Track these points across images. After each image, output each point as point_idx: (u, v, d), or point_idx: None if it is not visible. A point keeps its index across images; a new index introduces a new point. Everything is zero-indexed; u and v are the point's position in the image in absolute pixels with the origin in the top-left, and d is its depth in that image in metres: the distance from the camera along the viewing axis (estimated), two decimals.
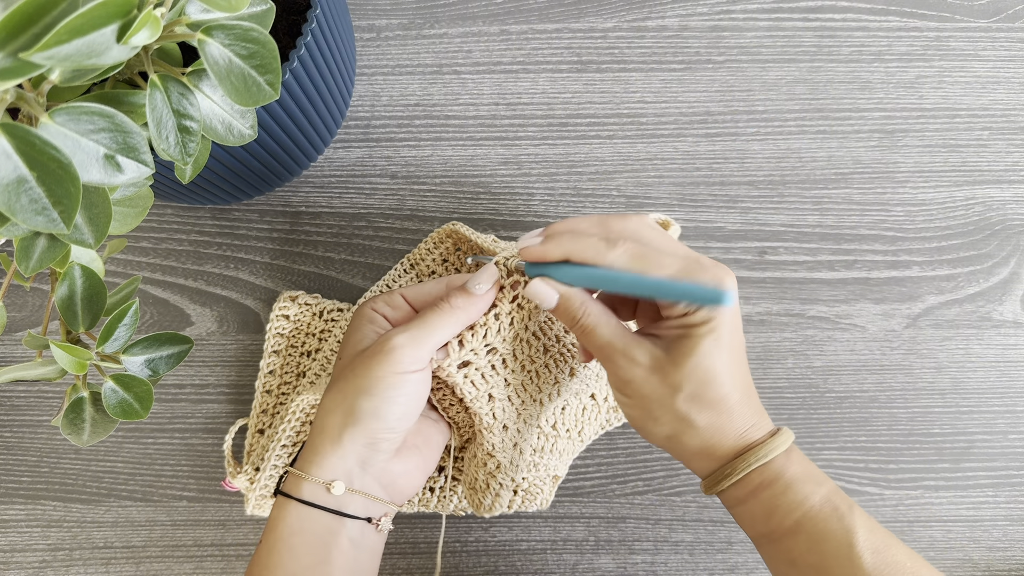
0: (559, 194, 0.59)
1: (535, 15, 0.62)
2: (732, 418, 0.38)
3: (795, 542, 0.37)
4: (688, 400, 0.37)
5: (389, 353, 0.39)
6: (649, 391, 0.38)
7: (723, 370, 0.38)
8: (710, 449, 0.39)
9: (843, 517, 0.37)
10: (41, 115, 0.26)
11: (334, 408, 0.40)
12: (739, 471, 0.38)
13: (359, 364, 0.40)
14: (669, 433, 0.39)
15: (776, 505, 0.38)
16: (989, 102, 0.61)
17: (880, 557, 0.36)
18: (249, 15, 0.34)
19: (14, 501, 0.56)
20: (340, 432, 0.40)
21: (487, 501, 0.49)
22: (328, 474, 0.40)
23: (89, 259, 0.34)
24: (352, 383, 0.40)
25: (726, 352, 0.38)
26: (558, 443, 0.52)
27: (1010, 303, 0.58)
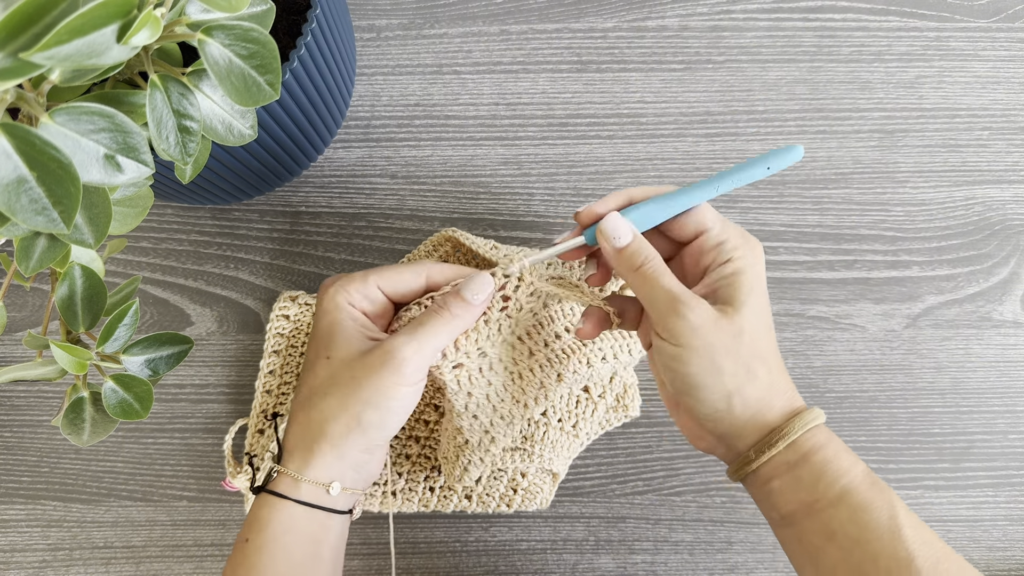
0: (559, 194, 0.59)
1: (535, 15, 0.62)
2: (783, 375, 0.39)
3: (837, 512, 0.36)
4: (750, 348, 0.37)
5: (398, 367, 0.39)
6: (713, 338, 0.37)
7: (767, 324, 0.39)
8: (765, 407, 0.38)
9: (884, 490, 0.37)
10: (41, 115, 0.26)
11: (335, 416, 0.40)
12: (796, 430, 0.37)
13: (362, 373, 0.40)
14: (732, 388, 0.38)
15: (825, 471, 0.37)
16: (989, 102, 0.61)
17: (919, 534, 0.36)
18: (249, 15, 0.34)
19: (14, 501, 0.56)
20: (343, 439, 0.40)
21: (456, 472, 0.50)
22: (326, 476, 0.40)
23: (89, 259, 0.34)
24: (357, 393, 0.40)
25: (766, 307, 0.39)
26: (549, 432, 0.52)
27: (1010, 303, 0.58)
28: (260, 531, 0.40)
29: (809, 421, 0.38)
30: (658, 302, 0.38)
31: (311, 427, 0.41)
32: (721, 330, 0.37)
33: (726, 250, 0.39)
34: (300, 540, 0.40)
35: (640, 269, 0.39)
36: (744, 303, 0.38)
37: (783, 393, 0.39)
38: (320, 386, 0.41)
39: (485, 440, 0.47)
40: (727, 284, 0.38)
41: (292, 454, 0.41)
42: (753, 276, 0.38)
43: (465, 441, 0.48)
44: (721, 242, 0.39)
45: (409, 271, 0.44)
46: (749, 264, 0.39)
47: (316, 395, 0.41)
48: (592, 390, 0.54)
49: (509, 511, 0.55)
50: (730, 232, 0.40)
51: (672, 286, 0.38)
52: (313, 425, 0.41)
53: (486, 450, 0.47)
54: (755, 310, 0.38)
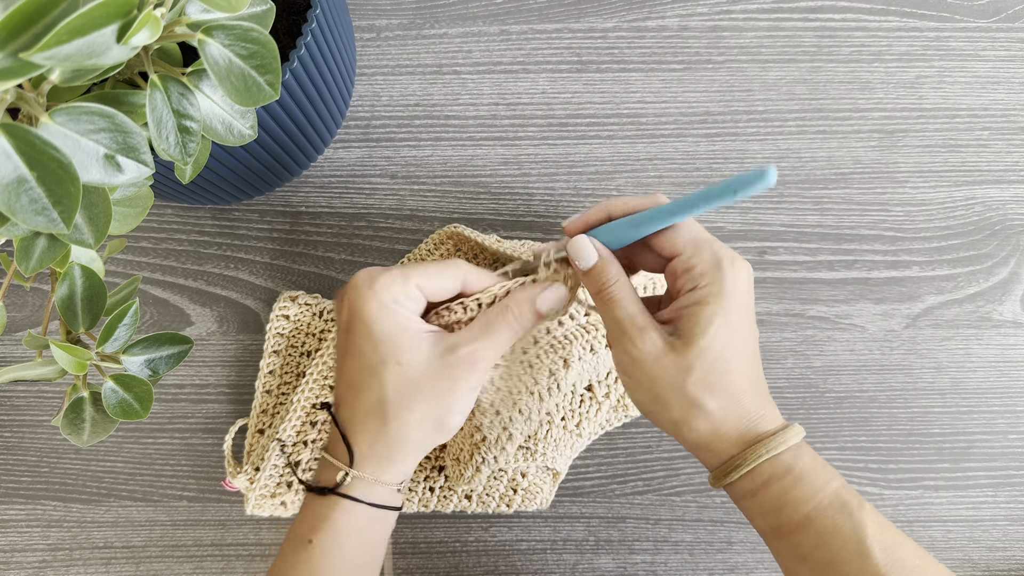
0: (559, 194, 0.59)
1: (535, 15, 0.62)
2: (742, 404, 0.38)
3: (805, 537, 0.37)
4: (698, 383, 0.37)
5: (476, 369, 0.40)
6: (659, 373, 0.37)
7: (733, 353, 0.37)
8: (719, 437, 0.38)
9: (853, 513, 0.36)
10: (41, 115, 0.26)
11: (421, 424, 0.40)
12: (749, 462, 0.37)
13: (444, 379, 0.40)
14: (678, 419, 0.38)
15: (786, 500, 0.37)
16: (989, 102, 0.61)
17: (890, 555, 0.35)
18: (249, 15, 0.34)
19: (14, 501, 0.56)
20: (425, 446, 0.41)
21: (467, 473, 0.49)
22: (398, 477, 0.41)
23: (89, 259, 0.34)
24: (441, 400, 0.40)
25: (736, 334, 0.37)
26: (552, 431, 0.52)
27: (1010, 303, 0.58)
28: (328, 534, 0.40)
29: (771, 449, 0.37)
30: (611, 328, 0.39)
31: (389, 435, 0.40)
32: (665, 366, 0.37)
33: (692, 277, 0.38)
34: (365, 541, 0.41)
35: (600, 293, 0.39)
36: (699, 336, 0.37)
37: (741, 421, 0.38)
38: (397, 394, 0.40)
39: (503, 437, 0.47)
40: (687, 315, 0.38)
41: (367, 460, 0.41)
42: (717, 307, 0.37)
43: (483, 438, 0.48)
44: (689, 268, 0.38)
45: (447, 272, 0.43)
46: (714, 293, 0.37)
47: (393, 403, 0.40)
48: (596, 389, 0.54)
49: (509, 511, 0.55)
50: (701, 258, 0.38)
51: (625, 315, 0.38)
52: (392, 433, 0.40)
53: (502, 448, 0.48)
54: (714, 343, 0.37)
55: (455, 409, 0.41)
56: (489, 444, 0.48)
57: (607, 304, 0.39)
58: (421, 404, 0.40)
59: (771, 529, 0.38)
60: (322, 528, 0.40)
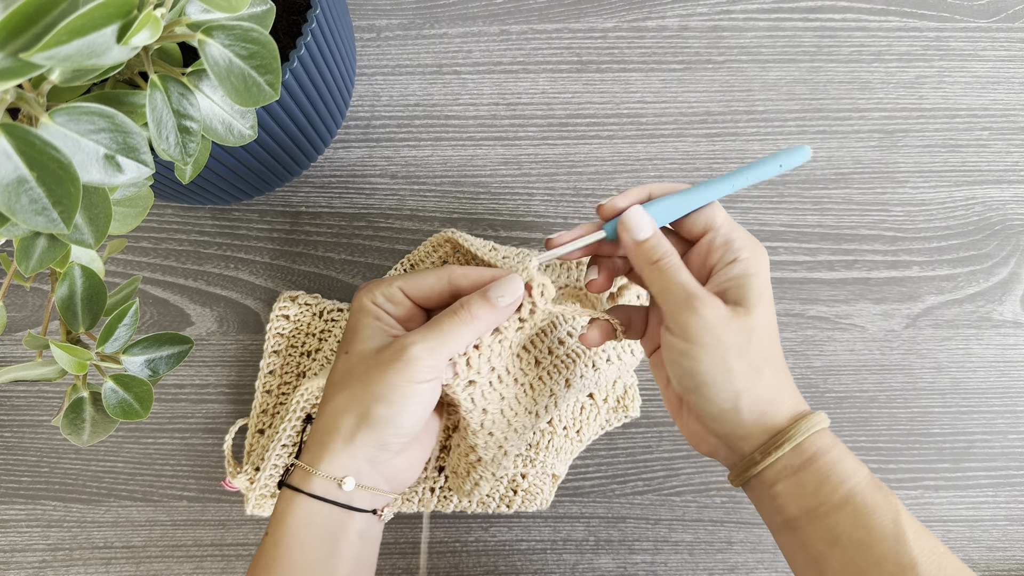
0: (559, 194, 0.59)
1: (535, 15, 0.62)
2: (788, 379, 0.40)
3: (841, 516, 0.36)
4: (759, 347, 0.38)
5: (408, 363, 0.39)
6: (725, 336, 0.37)
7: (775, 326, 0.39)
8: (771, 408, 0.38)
9: (888, 495, 0.37)
10: (41, 115, 0.26)
11: (347, 409, 0.40)
12: (802, 432, 0.37)
13: (374, 369, 0.40)
14: (740, 387, 0.38)
15: (829, 475, 0.37)
16: (989, 102, 0.61)
17: (923, 539, 0.36)
18: (249, 15, 0.34)
19: (14, 501, 0.56)
20: (353, 433, 0.40)
21: (466, 487, 0.49)
22: (339, 470, 0.40)
23: (89, 259, 0.34)
24: (368, 388, 0.40)
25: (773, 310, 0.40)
26: (554, 440, 0.52)
27: (1010, 303, 0.58)
28: (278, 524, 0.40)
29: (814, 424, 0.38)
30: (673, 297, 0.39)
31: (324, 421, 0.41)
32: (733, 329, 0.37)
33: (733, 249, 0.39)
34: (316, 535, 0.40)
35: (658, 263, 0.39)
36: (756, 304, 0.38)
37: (788, 396, 0.39)
38: (336, 380, 0.42)
39: (499, 455, 0.47)
40: (738, 284, 0.39)
41: (308, 448, 0.41)
42: (760, 279, 0.39)
43: (478, 459, 0.47)
44: (729, 241, 0.40)
45: (432, 274, 0.43)
46: (755, 266, 0.39)
47: (332, 390, 0.41)
48: (596, 396, 0.54)
49: (509, 511, 0.55)
50: (738, 232, 0.40)
51: (687, 282, 0.39)
52: (326, 419, 0.41)
53: (498, 464, 0.47)
54: (765, 312, 0.38)
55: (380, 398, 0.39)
56: (484, 463, 0.47)
57: (665, 274, 0.39)
58: (349, 389, 0.40)
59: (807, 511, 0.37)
60: (274, 519, 0.41)
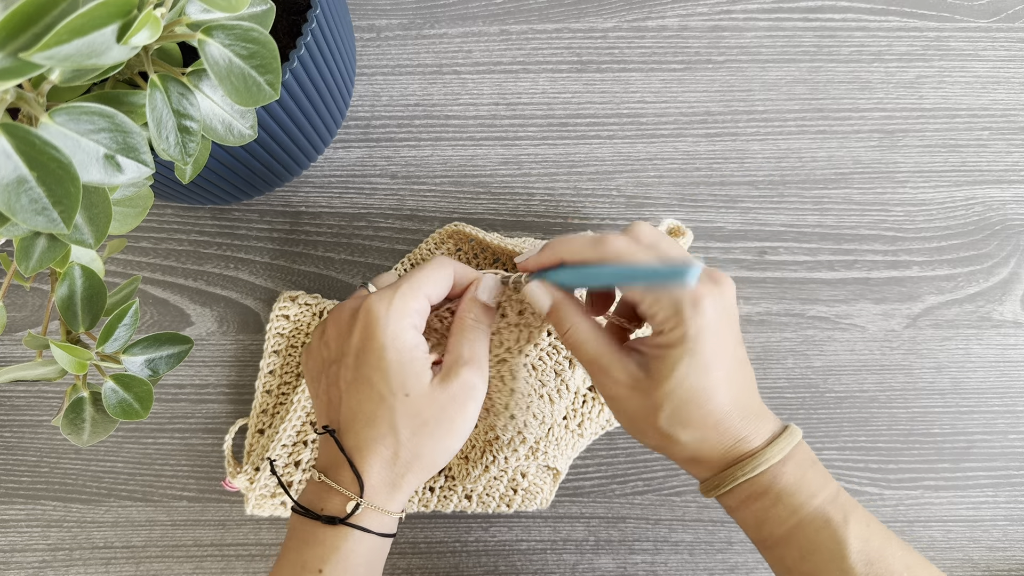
0: (559, 194, 0.59)
1: (535, 15, 0.62)
2: (719, 433, 0.38)
3: (788, 551, 0.38)
4: (669, 419, 0.38)
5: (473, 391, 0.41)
6: (631, 408, 0.39)
7: (705, 388, 0.37)
8: (698, 462, 0.40)
9: (836, 529, 0.37)
10: (41, 115, 0.26)
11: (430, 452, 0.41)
12: (727, 484, 0.38)
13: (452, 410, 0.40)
14: (655, 446, 0.40)
15: (766, 517, 0.38)
16: (989, 102, 0.61)
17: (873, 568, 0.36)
18: (249, 15, 0.34)
19: (14, 501, 0.56)
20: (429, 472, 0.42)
21: (476, 472, 0.50)
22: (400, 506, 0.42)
23: (89, 259, 0.34)
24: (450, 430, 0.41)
25: (709, 370, 0.37)
26: (554, 430, 0.52)
27: (1010, 303, 0.58)
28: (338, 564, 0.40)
29: (751, 470, 0.38)
30: (584, 364, 0.41)
31: (399, 465, 0.41)
32: (637, 403, 0.38)
33: (656, 323, 0.39)
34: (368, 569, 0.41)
35: (565, 335, 0.41)
36: (664, 380, 0.37)
37: (720, 446, 0.38)
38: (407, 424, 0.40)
39: (516, 440, 0.48)
40: (656, 356, 0.38)
41: (378, 489, 0.41)
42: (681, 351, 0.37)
43: (496, 437, 0.48)
44: (651, 316, 0.39)
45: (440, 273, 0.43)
46: (678, 338, 0.37)
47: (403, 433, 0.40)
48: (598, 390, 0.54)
49: (509, 511, 0.55)
50: (660, 306, 0.38)
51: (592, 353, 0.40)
52: (402, 463, 0.41)
53: (514, 449, 0.48)
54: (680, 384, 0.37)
55: (460, 432, 0.41)
56: (502, 444, 0.48)
57: (570, 347, 0.41)
58: (429, 433, 0.41)
59: (756, 540, 0.40)
60: (332, 559, 0.40)
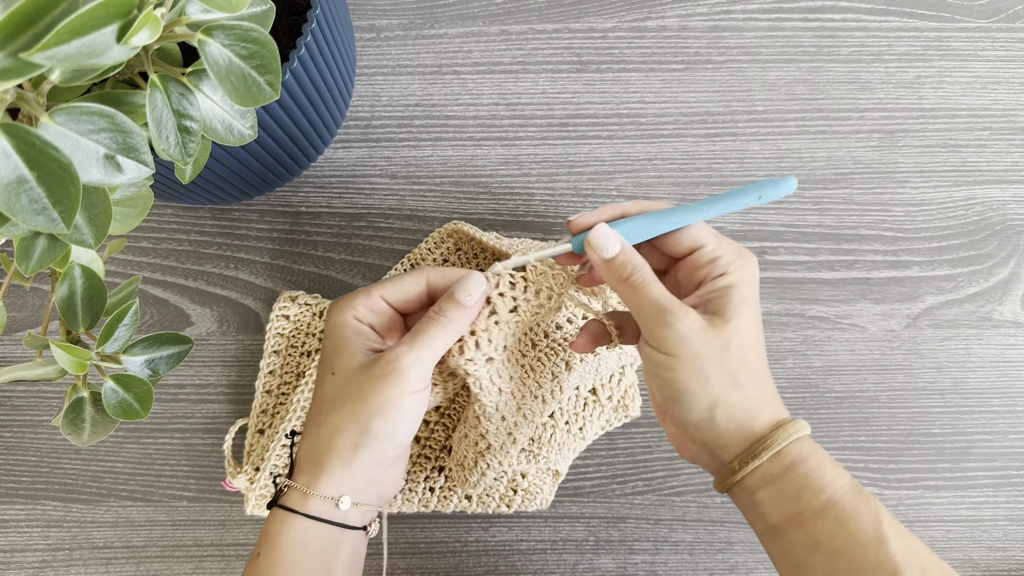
0: (559, 194, 0.59)
1: (535, 15, 0.62)
2: (768, 387, 0.40)
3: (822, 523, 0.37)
4: (737, 358, 0.38)
5: (402, 375, 0.40)
6: (701, 347, 0.38)
7: (756, 336, 0.40)
8: (752, 416, 0.38)
9: (869, 499, 0.37)
10: (41, 115, 0.26)
11: (343, 428, 0.40)
12: (780, 441, 0.38)
13: (367, 384, 0.40)
14: (717, 396, 0.38)
15: (809, 481, 0.37)
16: (989, 102, 0.61)
17: (905, 543, 0.36)
18: (249, 15, 0.34)
19: (14, 501, 0.56)
20: (352, 453, 0.40)
21: (472, 478, 0.50)
22: (336, 490, 0.41)
23: (89, 259, 0.34)
24: (363, 404, 0.40)
25: (757, 320, 0.40)
26: (556, 434, 0.52)
27: (1010, 303, 0.58)
28: (271, 546, 0.40)
29: (793, 433, 0.38)
30: (646, 311, 0.39)
31: (319, 442, 0.41)
32: (708, 340, 0.38)
33: (721, 264, 0.39)
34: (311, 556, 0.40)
35: (628, 280, 0.40)
36: (734, 315, 0.38)
37: (768, 405, 0.39)
38: (327, 401, 0.41)
39: (508, 442, 0.47)
40: (718, 296, 0.39)
41: (302, 469, 0.41)
42: (745, 290, 0.39)
43: (488, 446, 0.48)
44: (716, 257, 0.40)
45: (410, 278, 0.44)
46: (742, 278, 0.39)
47: (323, 411, 0.41)
48: (600, 392, 0.54)
49: (509, 511, 0.55)
50: (725, 247, 0.40)
51: (660, 295, 0.39)
52: (321, 440, 0.41)
53: (506, 452, 0.48)
54: (744, 323, 0.38)
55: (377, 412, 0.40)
56: (494, 450, 0.48)
57: (637, 288, 0.39)
58: (343, 409, 0.40)
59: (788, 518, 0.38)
60: (265, 540, 0.40)
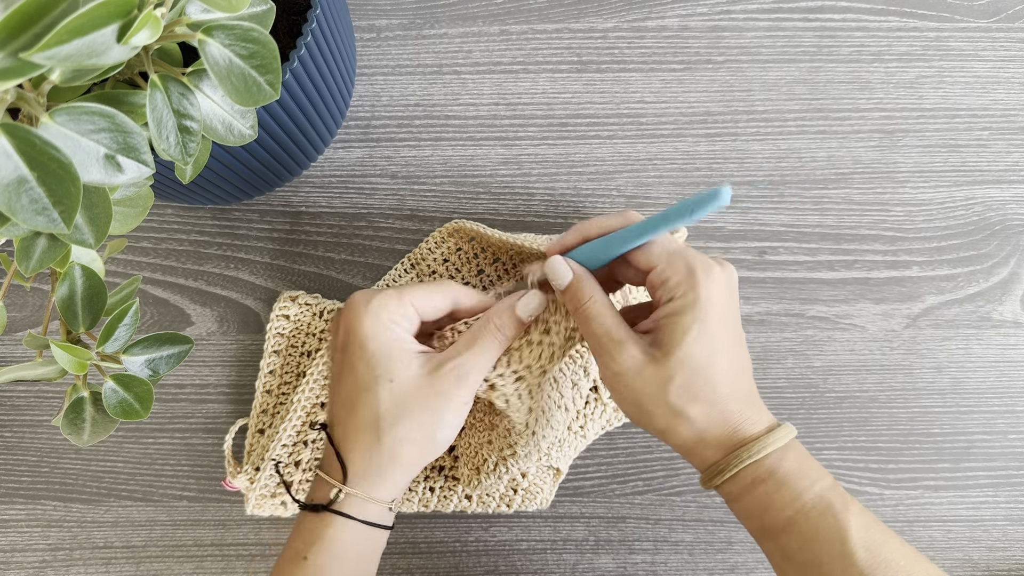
0: (559, 194, 0.59)
1: (535, 15, 0.62)
2: (724, 411, 0.38)
3: (789, 538, 0.37)
4: (679, 392, 0.38)
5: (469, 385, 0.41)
6: (640, 385, 0.38)
7: (712, 361, 0.38)
8: (703, 443, 0.39)
9: (837, 514, 0.37)
10: (41, 115, 0.26)
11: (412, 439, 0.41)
12: (732, 467, 0.38)
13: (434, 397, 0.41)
14: (662, 427, 0.39)
15: (769, 502, 0.38)
16: (989, 102, 0.61)
17: (874, 555, 0.36)
18: (249, 15, 0.34)
19: (14, 501, 0.56)
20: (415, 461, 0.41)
21: (489, 481, 0.50)
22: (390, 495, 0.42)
23: (89, 259, 0.34)
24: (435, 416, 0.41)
25: (715, 340, 0.38)
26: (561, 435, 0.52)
27: (1010, 303, 0.58)
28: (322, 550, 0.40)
29: (752, 455, 0.38)
30: (593, 343, 0.40)
31: (383, 452, 0.41)
32: (645, 378, 0.38)
33: (668, 288, 0.39)
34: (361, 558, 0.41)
35: (577, 310, 0.41)
36: (676, 347, 0.38)
37: (725, 426, 0.39)
38: (390, 411, 0.41)
39: (533, 451, 0.47)
40: (665, 325, 0.38)
41: (360, 477, 0.41)
42: (692, 316, 0.38)
43: (512, 452, 0.48)
44: (664, 280, 0.39)
45: (437, 292, 0.44)
46: (689, 303, 0.38)
47: (386, 420, 0.41)
48: (601, 391, 0.54)
49: (509, 511, 0.55)
50: (675, 269, 0.39)
51: (606, 328, 0.39)
52: (385, 450, 0.41)
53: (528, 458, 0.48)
54: (691, 351, 0.37)
55: (445, 422, 0.41)
56: (518, 457, 0.48)
57: (584, 320, 0.40)
58: (412, 420, 0.41)
59: (757, 530, 0.39)
60: (316, 545, 0.40)
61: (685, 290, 0.38)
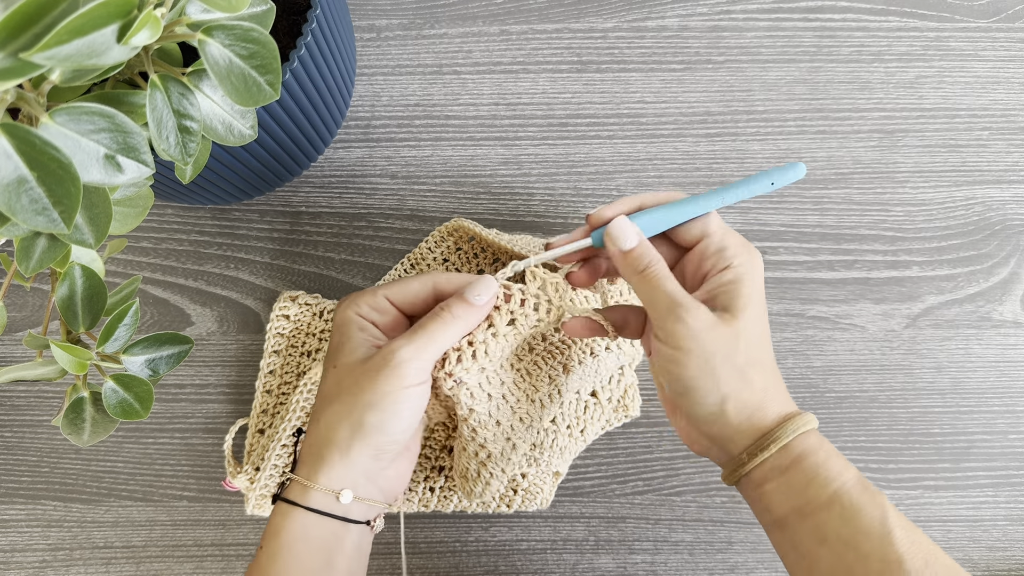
0: (559, 194, 0.59)
1: (535, 15, 0.62)
2: (777, 381, 0.40)
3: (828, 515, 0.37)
4: (747, 352, 0.38)
5: (396, 367, 0.40)
6: (711, 343, 0.38)
7: (765, 330, 0.40)
8: (759, 411, 0.39)
9: (875, 494, 0.37)
10: (41, 115, 0.26)
11: (340, 420, 0.40)
12: (788, 433, 0.38)
13: (363, 377, 0.40)
14: (727, 392, 0.38)
15: (816, 475, 0.38)
16: (989, 102, 0.61)
17: (910, 535, 0.36)
18: (249, 15, 0.34)
19: (14, 501, 0.56)
20: (348, 445, 0.40)
21: (477, 488, 0.49)
22: (336, 483, 0.41)
23: (89, 259, 0.34)
24: (359, 397, 0.40)
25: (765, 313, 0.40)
26: (558, 439, 0.52)
27: (1010, 303, 0.58)
28: (272, 538, 0.40)
29: (801, 426, 0.38)
30: (658, 305, 0.39)
31: (319, 434, 0.41)
32: (718, 335, 0.38)
33: (726, 256, 0.40)
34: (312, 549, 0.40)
35: (643, 272, 0.40)
36: (743, 310, 0.38)
37: (777, 398, 0.39)
38: (327, 394, 0.42)
39: (507, 449, 0.47)
40: (726, 291, 0.39)
41: (304, 462, 0.41)
42: (751, 284, 0.39)
43: (488, 455, 0.47)
44: (722, 248, 0.40)
45: (416, 281, 0.44)
46: (748, 272, 0.39)
47: (324, 403, 0.42)
48: (600, 394, 0.54)
49: (509, 511, 0.55)
50: (731, 240, 0.40)
51: (673, 290, 0.39)
52: (321, 432, 0.41)
53: (508, 459, 0.47)
54: (753, 317, 0.39)
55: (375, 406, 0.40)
56: (495, 458, 0.47)
57: (651, 281, 0.39)
58: (340, 401, 0.41)
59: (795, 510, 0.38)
60: (268, 533, 0.41)
61: (744, 259, 0.39)
